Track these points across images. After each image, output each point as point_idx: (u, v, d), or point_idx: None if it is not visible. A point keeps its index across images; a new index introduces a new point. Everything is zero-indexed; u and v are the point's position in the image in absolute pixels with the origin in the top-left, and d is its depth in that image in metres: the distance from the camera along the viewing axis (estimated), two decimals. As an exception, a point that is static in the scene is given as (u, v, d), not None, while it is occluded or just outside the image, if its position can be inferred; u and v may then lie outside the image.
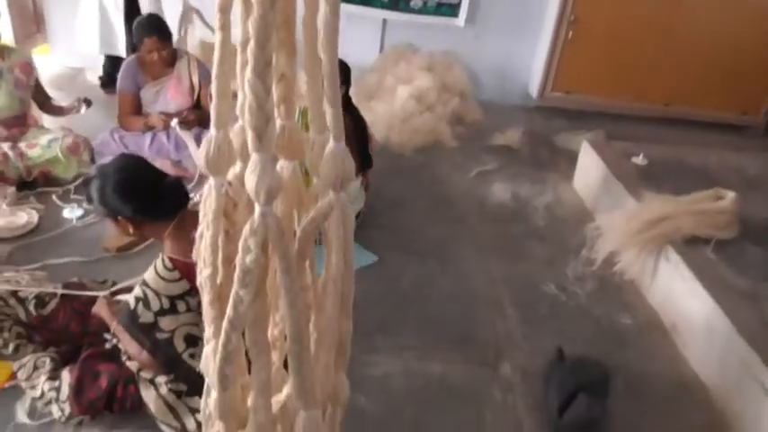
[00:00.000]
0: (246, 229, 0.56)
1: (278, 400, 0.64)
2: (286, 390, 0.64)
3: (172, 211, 1.68)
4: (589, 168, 3.30)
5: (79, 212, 2.84)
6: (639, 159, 3.14)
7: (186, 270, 1.63)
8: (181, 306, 1.64)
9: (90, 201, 1.71)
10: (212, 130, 0.62)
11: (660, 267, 2.46)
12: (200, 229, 0.64)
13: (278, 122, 0.66)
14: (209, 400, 0.61)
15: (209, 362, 0.60)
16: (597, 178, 3.15)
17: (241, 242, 0.55)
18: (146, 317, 1.62)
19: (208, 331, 0.58)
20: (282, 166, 0.70)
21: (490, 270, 2.68)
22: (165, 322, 1.63)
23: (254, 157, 0.56)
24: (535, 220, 3.10)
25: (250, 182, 0.55)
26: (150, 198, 1.66)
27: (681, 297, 2.31)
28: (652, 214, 2.46)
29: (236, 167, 0.64)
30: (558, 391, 1.94)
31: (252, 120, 0.54)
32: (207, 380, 0.61)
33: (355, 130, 2.76)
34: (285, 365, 0.64)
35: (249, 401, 0.60)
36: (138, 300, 1.63)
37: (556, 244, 2.87)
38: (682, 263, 2.32)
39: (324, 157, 0.61)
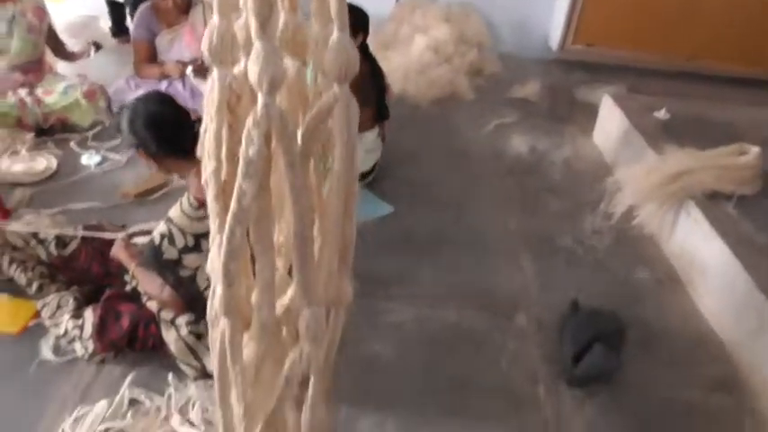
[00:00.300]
0: (249, 120, 0.54)
1: (282, 303, 0.65)
2: (290, 291, 0.64)
3: (183, 152, 1.69)
4: (609, 122, 3.25)
5: (97, 159, 2.85)
6: (662, 114, 3.08)
7: None
8: (205, 244, 1.65)
9: (120, 132, 1.72)
10: (215, 18, 0.59)
11: (680, 222, 2.44)
12: (204, 123, 0.63)
13: (282, 15, 0.64)
14: (215, 299, 0.61)
15: (213, 259, 0.60)
16: (617, 132, 3.10)
17: (244, 133, 0.54)
18: (170, 253, 1.65)
19: (213, 227, 0.58)
20: (287, 64, 0.67)
21: (506, 223, 2.67)
22: (189, 260, 1.65)
23: (256, 45, 0.53)
24: (553, 174, 3.07)
25: (252, 72, 0.54)
26: (176, 133, 1.67)
27: (700, 252, 2.29)
28: (673, 168, 2.42)
29: (241, 64, 0.62)
30: (573, 341, 1.95)
31: (255, 6, 0.52)
32: (212, 278, 0.61)
33: (373, 78, 2.72)
34: (290, 273, 0.64)
35: (253, 299, 0.60)
36: (162, 236, 1.65)
37: (573, 198, 2.85)
38: (702, 217, 2.29)
39: (328, 47, 0.59)
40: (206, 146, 0.58)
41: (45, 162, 2.78)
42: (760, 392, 1.87)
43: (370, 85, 2.69)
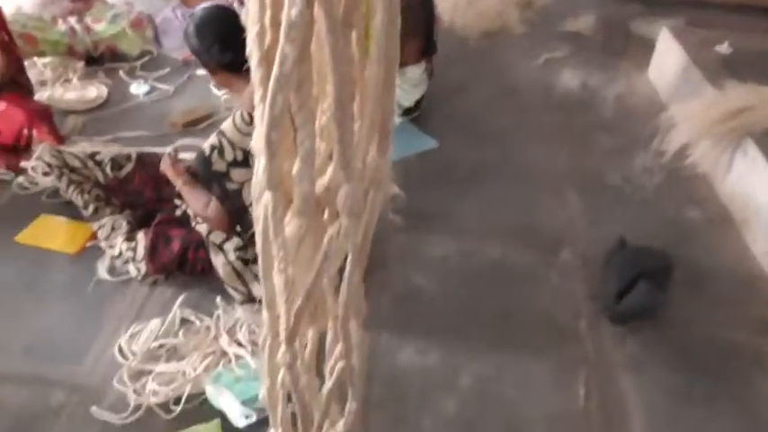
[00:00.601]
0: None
1: (322, 183, 0.65)
2: (330, 169, 0.65)
3: (240, 66, 1.69)
4: (667, 57, 3.10)
5: (146, 88, 2.89)
6: (723, 48, 2.92)
7: None
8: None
9: (186, 41, 1.74)
10: None
11: (736, 161, 2.34)
12: None
13: None
14: (258, 174, 0.62)
15: (257, 129, 0.60)
16: (675, 67, 2.96)
17: None
18: (219, 165, 1.68)
19: (256, 96, 0.58)
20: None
21: (554, 159, 2.62)
22: (237, 173, 1.69)
23: None
24: (604, 110, 2.97)
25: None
26: (235, 46, 1.67)
27: (755, 192, 2.21)
28: (733, 104, 2.31)
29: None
30: (618, 277, 1.93)
31: None
32: (255, 150, 0.62)
33: (423, 6, 2.64)
34: (330, 158, 0.65)
35: (294, 170, 0.61)
36: (213, 148, 1.68)
37: (624, 135, 2.76)
38: (760, 156, 2.19)
39: None
40: (250, 11, 0.58)
41: (96, 91, 2.83)
42: (810, 335, 1.83)
43: (420, 14, 2.62)
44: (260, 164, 0.60)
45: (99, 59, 3.05)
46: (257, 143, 0.60)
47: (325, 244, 0.65)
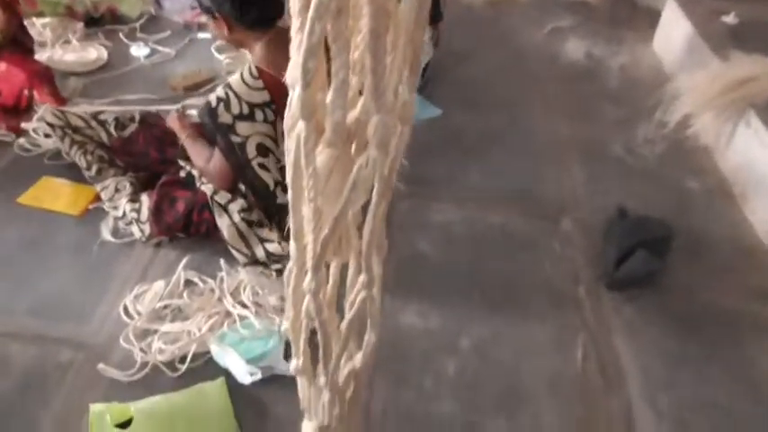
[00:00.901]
0: None
1: (353, 115, 0.67)
2: (361, 102, 0.66)
3: (261, 22, 1.69)
4: (672, 27, 3.08)
5: (146, 51, 2.86)
6: (730, 18, 2.90)
7: (271, 82, 1.67)
8: (259, 115, 1.69)
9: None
10: None
11: (738, 132, 2.35)
12: None
13: None
14: (292, 102, 0.63)
15: (292, 59, 0.61)
16: (680, 38, 2.95)
17: None
18: (224, 117, 1.69)
19: (294, 26, 0.60)
20: None
21: (558, 128, 2.62)
22: (242, 127, 1.69)
23: None
24: (609, 81, 2.97)
25: None
26: (255, 2, 1.66)
27: (756, 163, 2.22)
28: (737, 74, 2.31)
29: None
30: (618, 245, 1.95)
31: None
32: (289, 81, 0.63)
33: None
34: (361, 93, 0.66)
35: (328, 99, 0.62)
36: (219, 100, 1.68)
37: (628, 105, 2.76)
38: (763, 128, 2.20)
39: None
40: None
41: (96, 52, 2.80)
42: (805, 304, 1.86)
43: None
44: (294, 93, 0.61)
45: (99, 21, 3.02)
46: (292, 73, 0.61)
47: (354, 173, 0.66)
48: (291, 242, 0.77)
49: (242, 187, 1.84)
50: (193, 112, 2.01)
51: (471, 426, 1.53)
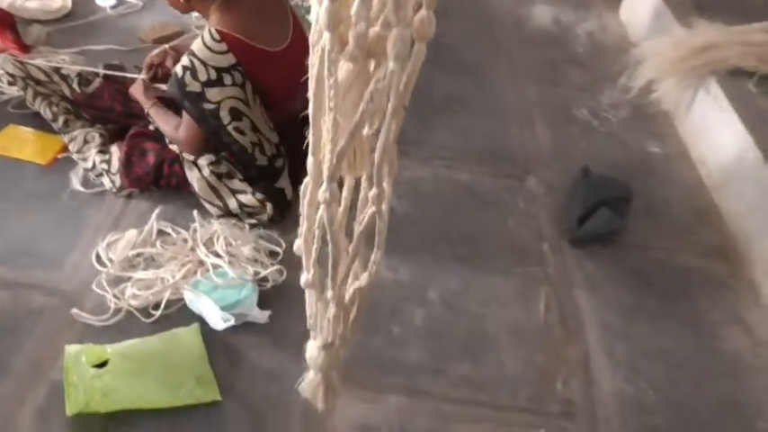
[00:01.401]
0: None
1: (374, 30, 0.71)
2: (382, 17, 0.70)
3: None
4: (638, -4, 3.14)
5: (112, 2, 2.79)
6: (694, -12, 2.97)
7: (234, 44, 1.66)
8: (227, 79, 1.68)
9: None
10: None
11: (698, 99, 2.44)
12: None
13: None
14: (319, 14, 0.68)
15: None
16: (646, 5, 3.01)
17: None
18: (193, 86, 1.67)
19: None
20: None
21: (525, 91, 2.67)
22: (212, 93, 1.68)
23: None
24: (575, 47, 3.02)
25: None
26: None
27: (714, 129, 2.32)
28: (699, 42, 2.38)
29: None
30: (581, 203, 2.03)
31: None
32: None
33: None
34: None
35: (352, 11, 0.66)
36: (185, 69, 1.67)
37: (593, 71, 2.83)
38: (721, 94, 2.29)
39: None
40: None
41: (60, 1, 2.72)
42: (754, 261, 1.97)
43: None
44: (322, 7, 0.64)
45: (62, -31, 2.92)
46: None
47: (371, 86, 0.70)
48: (309, 156, 0.81)
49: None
50: (161, 86, 1.98)
51: (437, 371, 1.60)
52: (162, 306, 1.59)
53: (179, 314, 1.61)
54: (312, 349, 1.06)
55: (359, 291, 0.95)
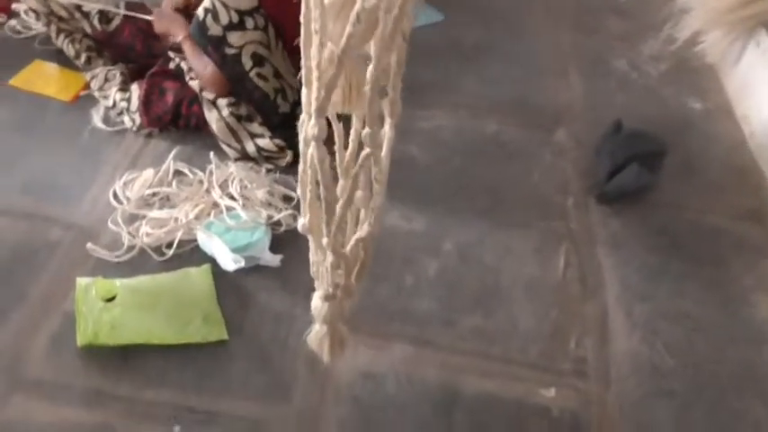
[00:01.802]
0: None
1: None
2: None
3: None
4: (692, -59, 2.93)
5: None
6: (753, -67, 2.76)
7: None
8: (249, 22, 1.64)
9: None
10: None
11: (746, 52, 2.29)
12: None
13: None
14: None
15: None
16: (699, -48, 2.81)
17: None
18: (214, 29, 1.64)
19: None
20: None
21: (560, 40, 2.55)
22: (234, 37, 1.65)
23: None
24: (619, -7, 2.86)
25: None
26: None
27: (762, 85, 2.17)
28: (753, -10, 2.21)
29: None
30: (611, 158, 1.94)
31: None
32: None
33: None
34: None
35: None
36: (207, 11, 1.63)
37: (636, 20, 2.67)
38: (772, 48, 2.14)
39: None
40: None
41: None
42: (790, 225, 1.87)
43: None
44: None
45: None
46: None
47: (359, 3, 0.65)
48: (303, 89, 0.77)
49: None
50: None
51: (447, 322, 1.57)
52: (174, 245, 1.60)
53: (191, 254, 1.61)
54: (316, 299, 1.03)
55: (360, 241, 0.90)
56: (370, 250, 0.93)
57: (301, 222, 0.92)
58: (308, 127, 0.77)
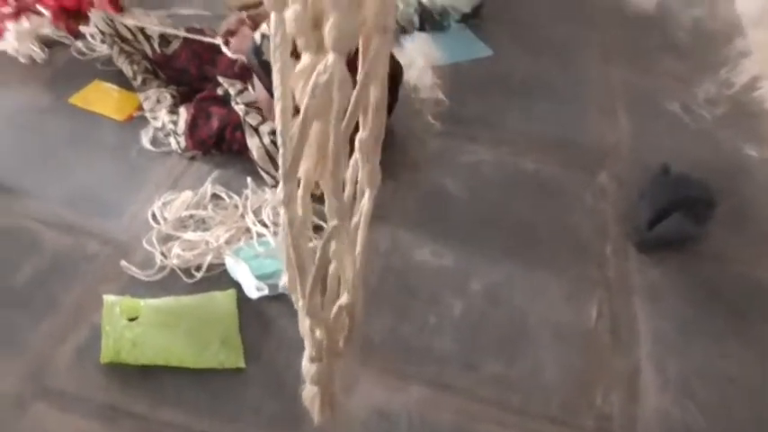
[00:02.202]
0: None
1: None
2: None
3: None
4: (760, -19, 2.82)
5: (204, -33, 2.86)
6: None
7: None
8: None
9: None
10: None
11: (810, 99, 2.18)
12: None
13: None
14: None
15: None
16: (766, -7, 2.71)
17: None
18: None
19: None
20: None
21: (611, 78, 2.49)
22: None
23: None
24: (677, 32, 2.76)
25: None
26: None
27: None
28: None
29: None
30: (654, 204, 1.87)
31: None
32: None
33: None
34: None
35: None
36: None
37: (693, 61, 2.58)
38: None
39: None
40: None
41: (157, -36, 2.82)
42: None
43: None
44: None
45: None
46: None
47: (313, 78, 0.64)
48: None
49: None
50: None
51: (468, 365, 1.54)
52: (204, 268, 1.64)
53: (219, 278, 1.64)
54: (304, 359, 0.97)
55: (343, 308, 0.86)
56: (358, 317, 0.90)
57: (282, 282, 0.90)
58: (278, 189, 0.76)
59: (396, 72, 2.09)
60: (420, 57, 2.39)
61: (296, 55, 0.69)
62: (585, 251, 1.84)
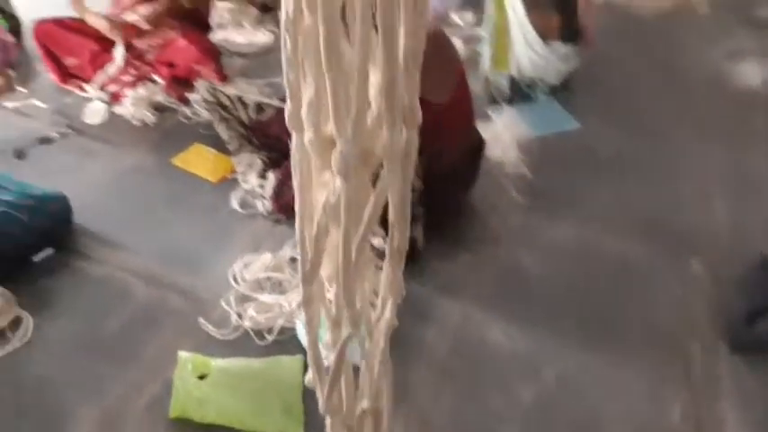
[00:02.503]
0: None
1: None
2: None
3: None
4: None
5: (306, 39, 3.04)
6: None
7: None
8: None
9: None
10: None
11: None
12: None
13: None
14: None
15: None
16: None
17: None
18: None
19: None
20: None
21: (710, 158, 2.36)
22: None
23: None
24: (785, 113, 2.62)
25: None
26: None
27: None
28: None
29: None
30: (750, 299, 1.73)
31: None
32: None
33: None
34: None
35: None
36: None
37: (802, 144, 2.42)
38: None
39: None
40: None
41: (264, 37, 3.03)
42: None
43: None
44: None
45: (272, 8, 3.25)
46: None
47: (325, 197, 0.66)
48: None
49: None
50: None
51: (535, 458, 1.46)
52: (275, 332, 1.68)
53: (289, 342, 1.67)
54: None
55: (365, 412, 0.88)
56: (384, 424, 0.89)
57: (307, 378, 0.92)
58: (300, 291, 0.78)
59: (478, 146, 2.11)
60: (506, 131, 2.39)
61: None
62: (670, 346, 1.72)
